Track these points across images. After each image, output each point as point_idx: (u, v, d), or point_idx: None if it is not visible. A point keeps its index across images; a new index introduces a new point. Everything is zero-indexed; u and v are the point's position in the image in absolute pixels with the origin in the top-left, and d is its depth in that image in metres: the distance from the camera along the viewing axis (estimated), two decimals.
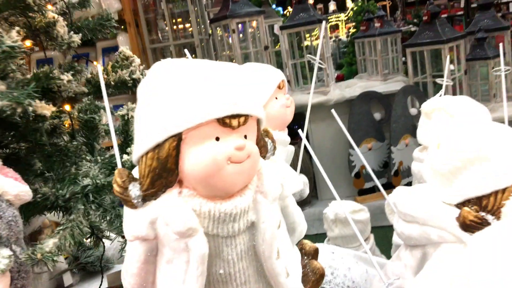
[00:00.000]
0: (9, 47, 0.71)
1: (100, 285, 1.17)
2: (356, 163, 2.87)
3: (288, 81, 3.15)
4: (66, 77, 1.11)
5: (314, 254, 1.27)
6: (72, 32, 1.09)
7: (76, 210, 0.83)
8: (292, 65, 3.07)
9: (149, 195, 0.63)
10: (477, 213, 0.80)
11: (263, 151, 0.72)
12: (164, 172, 0.62)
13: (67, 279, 1.47)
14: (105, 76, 1.19)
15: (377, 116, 2.89)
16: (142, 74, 1.25)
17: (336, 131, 3.09)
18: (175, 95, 0.61)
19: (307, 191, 1.08)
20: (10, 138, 0.96)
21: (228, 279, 0.69)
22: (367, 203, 2.78)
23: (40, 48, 1.17)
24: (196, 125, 0.60)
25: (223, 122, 0.61)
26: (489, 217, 0.80)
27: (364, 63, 3.32)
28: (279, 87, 1.11)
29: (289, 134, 1.23)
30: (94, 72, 1.28)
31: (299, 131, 1.02)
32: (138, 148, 0.63)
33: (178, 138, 0.61)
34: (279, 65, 3.32)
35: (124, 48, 1.29)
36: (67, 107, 1.06)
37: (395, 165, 2.76)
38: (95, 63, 1.32)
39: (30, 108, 0.72)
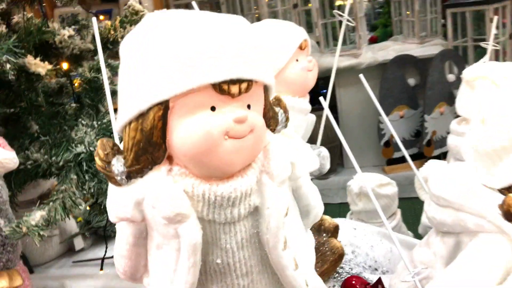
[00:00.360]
0: None
1: (105, 254, 1.11)
2: (386, 131, 2.73)
3: (318, 43, 2.99)
4: (67, 31, 1.02)
5: (334, 231, 1.17)
6: None
7: (69, 179, 0.75)
8: (322, 25, 2.90)
9: (133, 172, 0.53)
10: None
11: (272, 123, 0.61)
12: (150, 147, 0.52)
13: (78, 243, 1.43)
14: (113, 32, 1.09)
15: (411, 81, 2.72)
16: None
17: (367, 96, 2.91)
18: (163, 55, 0.49)
19: (327, 166, 0.97)
20: (5, 98, 0.88)
21: (226, 270, 0.60)
22: (395, 173, 2.65)
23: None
24: (186, 91, 0.49)
25: (220, 88, 0.50)
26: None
27: (400, 25, 3.10)
28: (300, 48, 0.98)
29: (315, 99, 1.11)
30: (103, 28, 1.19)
31: (321, 98, 0.90)
32: (121, 117, 0.53)
33: (164, 106, 0.50)
34: (309, 25, 3.15)
35: (134, 1, 1.18)
36: (65, 65, 0.96)
37: (428, 135, 2.61)
38: (101, 17, 1.22)
39: (8, 65, 0.63)
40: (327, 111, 0.91)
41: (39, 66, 0.85)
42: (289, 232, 0.61)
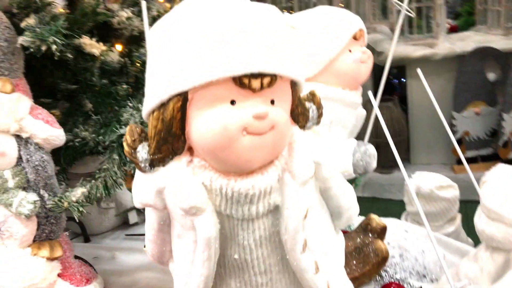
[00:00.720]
0: None
1: None
2: (459, 127, 2.56)
3: (392, 30, 2.85)
4: (125, 13, 1.04)
5: (381, 232, 1.12)
6: None
7: (112, 159, 0.78)
8: (396, 10, 2.76)
9: (156, 160, 0.54)
10: None
11: (302, 119, 0.58)
12: (169, 137, 0.51)
13: (133, 217, 1.49)
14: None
15: (491, 76, 2.52)
16: None
17: (440, 89, 2.77)
18: (183, 45, 0.48)
19: (373, 164, 0.92)
20: (62, 76, 0.92)
21: (244, 266, 0.59)
22: (465, 173, 2.49)
23: None
24: (205, 84, 0.48)
25: (240, 81, 0.48)
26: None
27: (484, 14, 2.88)
28: (355, 38, 0.93)
29: (385, 88, 1.05)
30: (162, 10, 1.20)
31: (370, 93, 0.85)
32: (145, 105, 0.53)
33: (183, 98, 0.49)
34: (384, 11, 3.01)
35: None
36: (118, 47, 0.99)
37: (505, 135, 2.42)
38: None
39: (54, 47, 0.66)
40: (376, 110, 0.86)
41: (94, 47, 0.88)
42: (311, 234, 0.58)
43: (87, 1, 0.83)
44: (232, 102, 0.49)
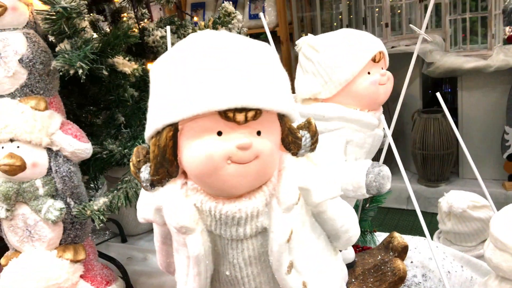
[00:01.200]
0: (62, 8, 0.71)
1: None
2: None
3: (444, 39, 2.78)
4: (160, 32, 1.11)
5: (402, 251, 1.12)
6: None
7: None
8: (451, 21, 2.69)
9: (155, 181, 0.59)
10: None
11: (293, 147, 0.61)
12: (164, 162, 0.56)
13: None
14: None
15: None
16: (240, 32, 1.19)
17: (493, 102, 2.66)
18: (178, 79, 0.53)
19: (387, 186, 0.92)
20: (98, 92, 1.00)
21: (235, 282, 0.62)
22: None
23: None
24: (193, 116, 0.52)
25: (225, 115, 0.51)
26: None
27: None
28: (374, 60, 0.94)
29: (430, 100, 1.05)
30: (197, 28, 1.26)
31: (382, 119, 0.85)
32: (146, 130, 0.59)
33: (174, 128, 0.54)
34: (437, 20, 2.94)
35: (227, 3, 1.24)
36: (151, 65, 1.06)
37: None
38: (195, 18, 1.29)
39: (80, 71, 0.73)
40: (389, 138, 0.86)
41: (126, 66, 0.95)
42: (299, 256, 0.61)
43: (123, 21, 0.90)
44: (219, 133, 0.53)
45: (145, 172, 0.60)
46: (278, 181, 0.58)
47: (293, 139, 0.60)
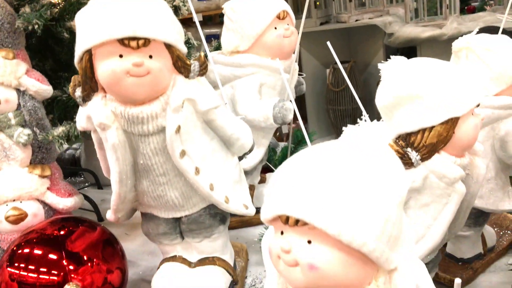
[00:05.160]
0: None
1: None
2: None
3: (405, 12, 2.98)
4: None
5: None
6: None
7: None
8: None
9: (85, 96, 0.82)
10: (399, 148, 0.80)
11: (184, 71, 0.82)
12: (87, 79, 0.79)
13: None
14: None
15: None
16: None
17: None
18: (90, 17, 0.75)
19: (289, 116, 1.15)
20: (60, 51, 1.24)
21: (148, 169, 0.86)
22: None
23: None
24: (100, 43, 0.74)
25: (122, 42, 0.73)
26: (413, 154, 0.81)
27: None
28: (279, 18, 1.17)
29: None
30: None
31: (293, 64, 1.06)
32: (75, 58, 0.81)
33: (89, 53, 0.76)
34: None
35: None
36: None
37: None
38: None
39: (36, 26, 0.96)
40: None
41: None
42: (190, 147, 0.83)
43: None
44: (120, 56, 0.75)
45: (78, 92, 0.83)
46: (171, 91, 0.81)
47: (182, 64, 0.83)
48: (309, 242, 0.49)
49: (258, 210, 1.31)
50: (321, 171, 0.49)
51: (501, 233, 1.24)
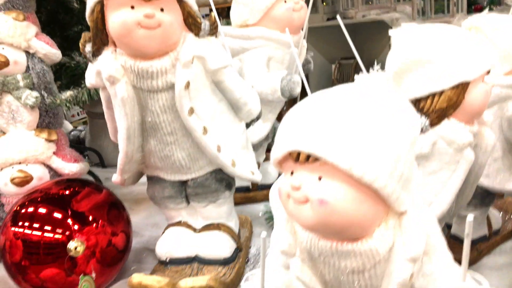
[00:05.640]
0: None
1: None
2: None
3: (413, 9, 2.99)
4: None
5: None
6: None
7: None
8: None
9: (95, 51, 0.82)
10: None
11: (194, 29, 0.82)
12: (98, 31, 0.79)
13: None
14: None
15: None
16: None
17: None
18: None
19: (297, 90, 1.15)
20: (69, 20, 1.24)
21: (156, 127, 0.86)
22: None
23: None
24: None
25: None
26: (422, 119, 0.81)
27: None
28: None
29: None
30: None
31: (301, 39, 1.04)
32: (86, 10, 0.81)
33: (101, 4, 0.77)
34: None
35: None
36: None
37: None
38: None
39: None
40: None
41: None
42: (199, 105, 0.84)
43: None
44: (132, 7, 0.76)
45: (88, 47, 0.83)
46: (181, 48, 0.81)
47: (193, 21, 0.83)
48: (320, 178, 0.48)
49: (262, 187, 1.34)
50: (333, 108, 0.48)
51: (506, 218, 1.23)
